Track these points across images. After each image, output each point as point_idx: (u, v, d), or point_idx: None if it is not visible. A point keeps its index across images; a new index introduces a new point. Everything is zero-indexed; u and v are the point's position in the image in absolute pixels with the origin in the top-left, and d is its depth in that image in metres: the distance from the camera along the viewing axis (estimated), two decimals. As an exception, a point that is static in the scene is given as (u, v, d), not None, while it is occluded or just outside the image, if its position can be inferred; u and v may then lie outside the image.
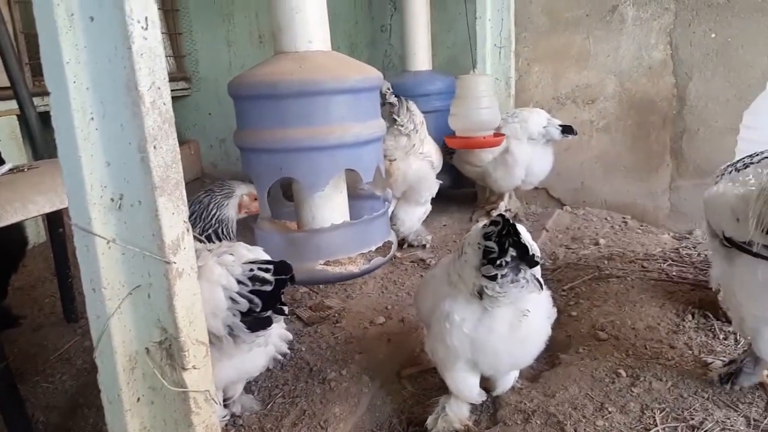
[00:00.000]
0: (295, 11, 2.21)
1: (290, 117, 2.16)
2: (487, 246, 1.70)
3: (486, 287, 1.75)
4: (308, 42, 2.25)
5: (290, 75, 2.14)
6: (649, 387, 2.09)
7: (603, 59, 4.18)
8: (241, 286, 1.68)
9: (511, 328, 1.83)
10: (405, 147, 3.45)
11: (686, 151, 4.02)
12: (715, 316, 2.56)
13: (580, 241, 3.80)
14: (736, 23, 3.73)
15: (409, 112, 3.43)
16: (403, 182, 3.46)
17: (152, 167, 1.27)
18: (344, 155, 2.22)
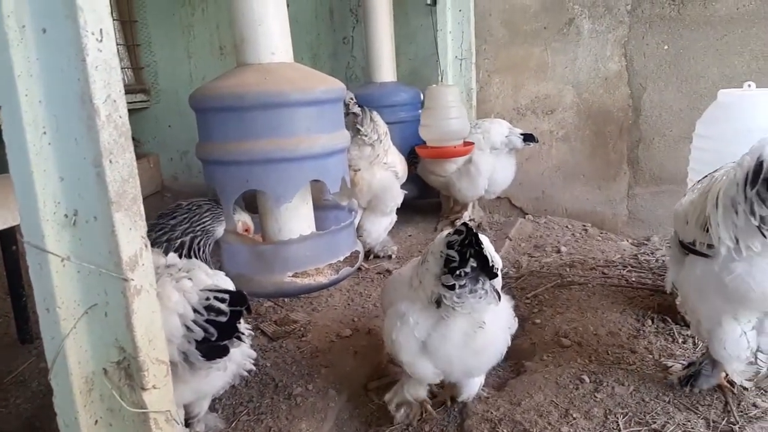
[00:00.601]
0: (258, 23, 2.20)
1: (256, 129, 2.14)
2: (449, 255, 1.72)
3: (444, 296, 1.77)
4: (271, 54, 2.23)
5: (255, 87, 2.12)
6: (611, 392, 2.13)
7: (561, 70, 4.28)
8: (197, 314, 1.65)
9: (465, 338, 1.86)
10: (369, 157, 3.45)
11: (642, 160, 4.14)
12: (674, 320, 2.62)
13: (543, 249, 3.86)
14: (687, 35, 3.87)
15: (372, 122, 3.44)
16: (368, 192, 3.47)
17: (108, 182, 1.24)
18: (311, 166, 2.22)
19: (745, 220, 1.61)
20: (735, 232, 1.65)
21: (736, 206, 1.62)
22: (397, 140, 3.78)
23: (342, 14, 4.99)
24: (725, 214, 1.66)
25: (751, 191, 1.55)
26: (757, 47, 3.72)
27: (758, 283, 1.69)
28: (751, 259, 1.67)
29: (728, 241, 1.67)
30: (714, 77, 3.82)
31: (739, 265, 1.70)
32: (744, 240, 1.64)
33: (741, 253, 1.67)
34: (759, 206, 1.55)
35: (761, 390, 2.04)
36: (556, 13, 4.20)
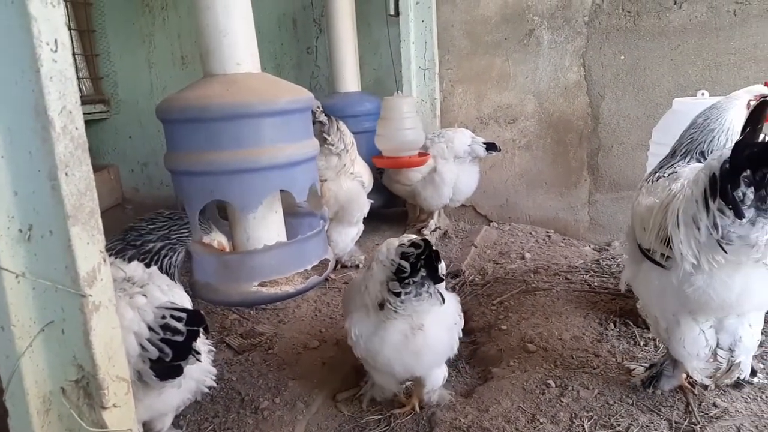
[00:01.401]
0: (223, 34, 2.19)
1: (221, 140, 2.13)
2: (401, 265, 1.81)
3: (388, 301, 1.87)
4: (237, 64, 2.23)
5: (219, 98, 2.11)
6: (577, 396, 2.16)
7: (522, 80, 4.36)
8: (152, 333, 1.62)
9: (405, 340, 1.95)
10: (336, 167, 3.45)
11: (602, 167, 4.24)
12: (635, 323, 2.68)
13: (507, 255, 3.91)
14: (642, 45, 3.99)
15: (339, 132, 3.44)
16: (335, 203, 3.46)
17: (64, 195, 1.21)
18: (276, 176, 2.21)
19: (707, 236, 1.65)
20: (698, 247, 1.69)
21: (697, 223, 1.66)
22: (362, 150, 3.78)
23: (305, 24, 4.99)
24: (687, 231, 1.70)
25: (713, 204, 1.60)
26: (710, 57, 3.86)
27: (718, 294, 1.75)
28: (710, 272, 1.73)
29: (691, 258, 1.71)
30: (669, 86, 3.94)
31: (699, 278, 1.75)
32: (705, 255, 1.69)
33: (702, 268, 1.72)
34: (721, 218, 1.60)
35: (721, 390, 2.10)
36: (517, 24, 4.28)
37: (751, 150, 1.50)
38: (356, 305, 2.04)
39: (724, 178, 1.55)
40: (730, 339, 1.87)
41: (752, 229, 1.59)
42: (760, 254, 1.64)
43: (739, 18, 3.76)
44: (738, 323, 1.85)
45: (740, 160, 1.52)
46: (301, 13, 4.98)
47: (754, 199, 1.54)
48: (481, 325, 2.93)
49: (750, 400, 2.05)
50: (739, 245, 1.63)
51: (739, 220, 1.57)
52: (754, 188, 1.53)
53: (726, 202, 1.56)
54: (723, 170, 1.55)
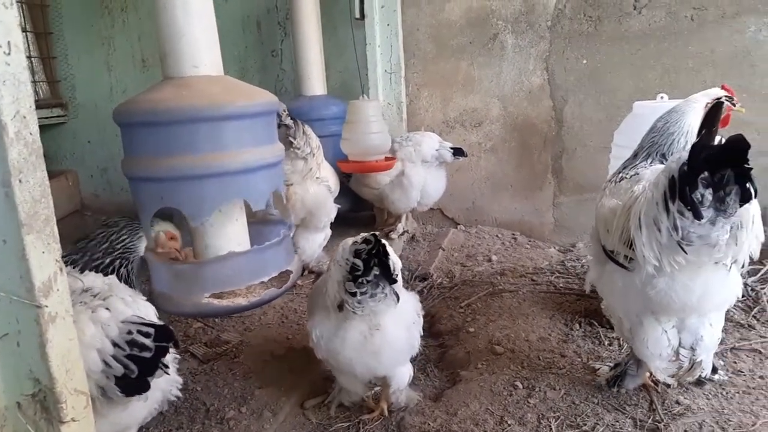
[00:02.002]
0: (180, 36, 2.13)
1: (170, 144, 2.06)
2: (354, 264, 1.83)
3: (346, 302, 1.89)
4: (194, 67, 2.16)
5: (168, 102, 2.04)
6: (544, 397, 2.18)
7: (487, 84, 4.40)
8: (117, 349, 1.56)
9: (364, 340, 1.99)
10: (302, 171, 3.41)
11: (566, 170, 4.30)
12: (600, 323, 2.72)
13: (475, 258, 3.93)
14: (604, 50, 4.07)
15: (305, 135, 3.40)
16: (302, 208, 3.42)
17: (18, 203, 1.16)
18: (231, 183, 2.11)
19: (668, 237, 1.68)
20: (659, 249, 1.72)
21: (658, 224, 1.69)
22: (328, 154, 3.76)
23: (270, 27, 4.94)
24: (648, 233, 1.73)
25: (673, 206, 1.63)
26: (669, 61, 3.96)
27: (680, 296, 1.79)
28: (672, 274, 1.76)
29: (653, 260, 1.75)
30: (630, 90, 4.03)
31: (661, 281, 1.79)
32: (667, 256, 1.72)
33: (664, 270, 1.75)
34: (680, 220, 1.63)
35: (683, 387, 2.15)
36: (481, 28, 4.32)
37: (708, 152, 1.54)
38: (318, 307, 2.06)
39: (683, 180, 1.59)
40: (691, 338, 1.91)
41: (712, 229, 1.63)
42: (722, 254, 1.69)
43: (696, 23, 3.87)
44: (699, 323, 1.89)
45: (697, 163, 1.55)
46: (266, 15, 4.93)
47: (712, 200, 1.58)
48: (449, 328, 2.93)
49: (711, 397, 2.10)
50: (700, 245, 1.67)
51: (698, 221, 1.60)
52: (712, 189, 1.57)
53: (685, 204, 1.59)
54: (681, 172, 1.59)
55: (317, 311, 2.06)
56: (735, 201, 1.57)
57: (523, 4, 4.19)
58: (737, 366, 2.31)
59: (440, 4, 4.36)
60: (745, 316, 2.71)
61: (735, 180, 1.54)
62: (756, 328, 2.61)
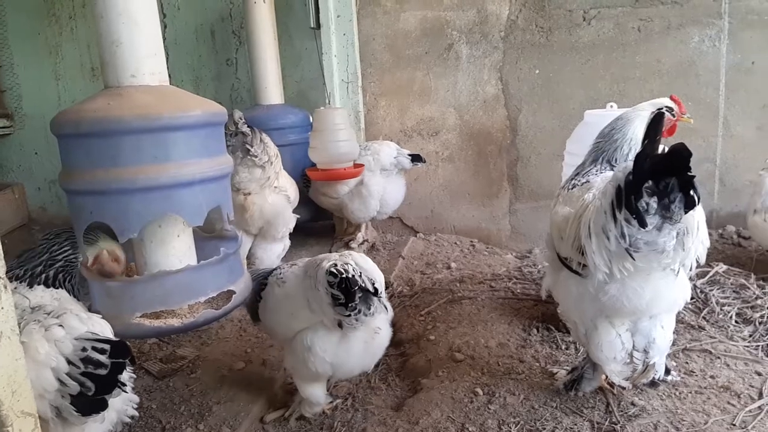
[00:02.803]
0: (116, 44, 2.05)
1: (96, 157, 1.97)
2: (334, 294, 1.91)
3: (344, 321, 1.97)
4: (132, 76, 2.08)
5: (94, 112, 1.96)
6: (504, 402, 2.20)
7: (443, 94, 4.44)
8: (72, 366, 1.50)
9: (366, 346, 2.09)
10: (260, 180, 3.36)
11: (521, 177, 4.38)
12: (557, 328, 2.77)
13: (434, 266, 3.95)
14: (555, 60, 4.17)
15: (262, 143, 3.35)
16: (260, 217, 3.37)
17: (-45, 219, 1.10)
18: (159, 198, 2.01)
19: (616, 245, 1.73)
20: (609, 256, 1.77)
21: (607, 233, 1.73)
22: (287, 163, 3.73)
23: (224, 36, 4.89)
24: (598, 241, 1.77)
25: (620, 215, 1.67)
26: (617, 71, 4.09)
27: (630, 300, 1.84)
28: (623, 280, 1.81)
29: (604, 267, 1.79)
30: (581, 99, 4.14)
31: (612, 286, 1.84)
32: (616, 263, 1.77)
33: (615, 276, 1.79)
34: (627, 228, 1.68)
35: (638, 389, 2.19)
36: (436, 38, 4.37)
37: (651, 161, 1.58)
38: (299, 320, 2.08)
39: (628, 189, 1.63)
40: (644, 341, 1.96)
41: (659, 236, 1.68)
42: (669, 259, 1.74)
43: (643, 34, 4.01)
44: (651, 326, 1.94)
45: (641, 172, 1.60)
46: (220, 24, 4.88)
47: (657, 207, 1.63)
48: (410, 336, 2.93)
49: (665, 398, 2.15)
50: (647, 252, 1.71)
51: (644, 229, 1.65)
52: (657, 198, 1.61)
53: (631, 212, 1.64)
54: (627, 182, 1.63)
55: (305, 325, 2.08)
56: (680, 208, 1.61)
57: (477, 15, 4.26)
58: (689, 366, 2.37)
59: (395, 14, 4.39)
60: (696, 317, 2.80)
61: (679, 188, 1.58)
62: (706, 329, 2.69)
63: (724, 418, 2.00)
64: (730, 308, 2.84)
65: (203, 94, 3.66)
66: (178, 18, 4.93)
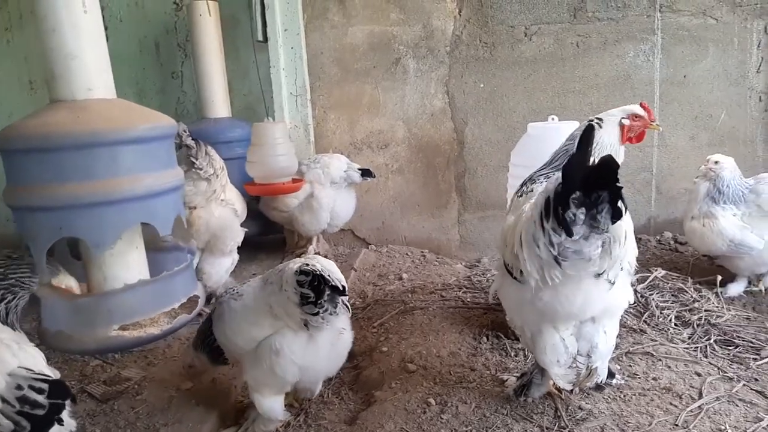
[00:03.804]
0: (71, 57, 2.02)
1: (69, 171, 1.95)
2: (303, 293, 1.95)
3: (311, 321, 2.00)
4: (88, 90, 2.06)
5: (65, 126, 1.94)
6: (456, 411, 2.22)
7: (392, 107, 4.49)
8: (6, 405, 1.43)
9: (332, 348, 2.14)
10: (206, 193, 3.30)
11: (469, 188, 4.46)
12: (506, 335, 2.82)
13: (386, 277, 3.97)
14: (499, 74, 4.28)
15: (208, 156, 3.30)
16: (206, 231, 3.30)
17: None
18: (135, 208, 2.04)
19: (546, 253, 1.79)
20: (540, 264, 1.83)
21: (537, 241, 1.80)
22: (235, 177, 3.69)
23: (169, 48, 4.81)
24: (529, 249, 1.83)
25: (548, 224, 1.73)
26: (558, 84, 4.23)
27: (563, 306, 1.90)
28: (555, 287, 1.87)
29: (535, 275, 1.85)
30: (524, 111, 4.26)
31: (546, 293, 1.89)
32: (547, 271, 1.83)
33: (547, 283, 1.85)
34: (555, 236, 1.74)
35: (585, 393, 2.26)
36: (384, 53, 4.42)
37: (580, 174, 1.64)
38: (262, 328, 2.08)
39: (556, 200, 1.69)
40: (587, 346, 2.02)
41: (585, 245, 1.74)
42: (596, 267, 1.80)
43: (581, 49, 4.17)
44: (594, 331, 2.00)
45: (569, 184, 1.65)
46: (164, 36, 4.80)
47: (585, 218, 1.68)
48: (362, 348, 2.93)
49: (611, 400, 2.22)
50: (575, 260, 1.78)
51: (570, 238, 1.71)
52: (585, 209, 1.67)
53: (558, 222, 1.70)
54: (555, 193, 1.69)
55: (268, 328, 2.08)
56: (607, 219, 1.67)
57: (423, 30, 4.34)
58: (632, 369, 2.45)
59: (343, 28, 4.42)
60: (637, 321, 2.90)
61: (607, 199, 1.64)
62: (647, 332, 2.80)
63: (667, 419, 2.08)
64: (670, 312, 2.96)
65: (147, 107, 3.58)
66: (120, 30, 4.82)
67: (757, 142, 4.17)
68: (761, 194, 3.14)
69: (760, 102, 4.12)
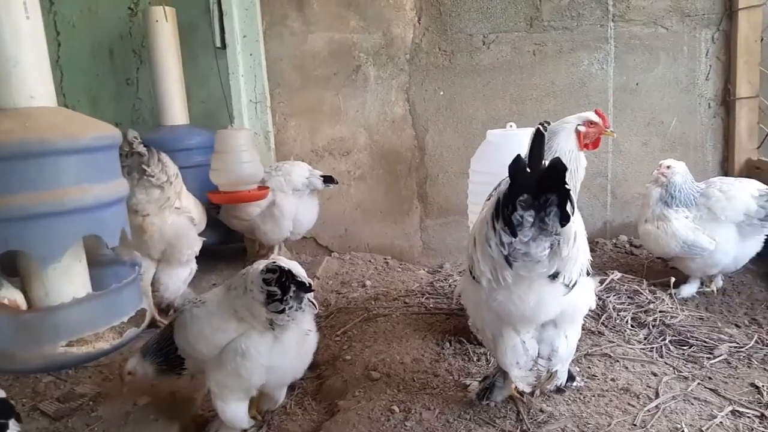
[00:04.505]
0: (12, 64, 1.94)
1: (14, 181, 1.86)
2: (270, 291, 1.97)
3: (276, 320, 2.02)
4: (30, 97, 1.98)
5: (11, 134, 1.86)
6: (420, 418, 2.22)
7: (353, 114, 4.49)
8: None
9: (298, 348, 2.16)
10: (159, 200, 3.20)
11: (430, 195, 4.49)
12: (468, 340, 2.84)
13: (349, 284, 3.95)
14: (458, 82, 4.33)
15: (161, 163, 3.19)
16: (160, 239, 3.22)
17: None
18: (83, 220, 1.96)
19: (497, 254, 1.81)
20: (492, 264, 1.86)
21: (489, 242, 1.83)
22: (194, 185, 3.61)
23: (124, 54, 4.70)
24: (482, 249, 1.86)
25: (498, 225, 1.76)
26: (516, 92, 4.30)
27: (516, 307, 1.92)
28: (508, 287, 1.90)
29: (488, 274, 1.88)
30: (483, 119, 4.32)
31: (500, 293, 1.92)
32: (498, 272, 1.86)
33: (500, 283, 1.88)
34: (505, 236, 1.76)
35: (546, 395, 2.29)
36: (344, 60, 4.42)
37: (529, 177, 1.66)
38: (227, 332, 2.08)
39: (505, 202, 1.72)
40: (548, 349, 2.05)
41: (533, 246, 1.77)
42: (546, 269, 1.83)
43: (538, 57, 4.26)
44: (555, 335, 2.03)
45: (517, 187, 1.69)
46: (119, 42, 4.69)
47: (533, 220, 1.72)
48: (325, 357, 2.90)
49: (571, 402, 2.25)
50: (524, 261, 1.81)
51: (517, 239, 1.74)
52: (534, 211, 1.70)
53: (505, 224, 1.73)
54: (505, 195, 1.72)
55: (233, 332, 2.09)
56: (555, 222, 1.70)
57: (383, 38, 4.36)
58: (591, 371, 2.50)
59: (303, 35, 4.41)
60: (595, 323, 2.96)
61: (555, 202, 1.67)
62: (605, 334, 2.85)
63: (626, 419, 2.12)
64: (626, 313, 3.03)
65: (102, 114, 3.49)
66: (72, 36, 4.70)
67: (707, 147, 4.32)
68: (711, 198, 3.25)
69: (709, 109, 4.27)
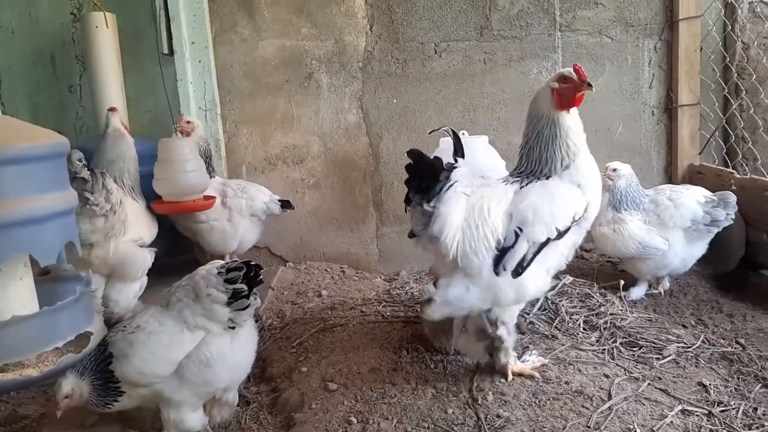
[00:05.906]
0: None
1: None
2: (236, 289, 2.10)
3: (236, 318, 2.15)
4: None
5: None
6: (378, 428, 2.20)
7: (306, 122, 4.45)
8: None
9: (247, 342, 2.30)
10: (104, 229, 3.02)
11: (386, 202, 4.49)
12: (425, 348, 2.84)
13: (305, 294, 3.90)
14: (411, 90, 4.36)
15: (104, 189, 3.00)
16: (105, 267, 3.06)
17: None
18: (12, 236, 1.80)
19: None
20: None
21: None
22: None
23: (66, 61, 4.54)
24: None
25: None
26: (467, 100, 4.36)
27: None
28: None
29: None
30: (436, 126, 4.33)
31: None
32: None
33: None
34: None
35: (503, 401, 2.30)
36: (296, 67, 4.38)
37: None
38: (181, 346, 2.12)
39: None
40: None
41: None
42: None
43: (488, 66, 4.32)
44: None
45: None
46: (61, 48, 4.53)
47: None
48: (281, 370, 2.86)
49: (527, 407, 2.28)
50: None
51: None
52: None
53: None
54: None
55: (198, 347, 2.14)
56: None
57: (335, 46, 4.34)
58: (546, 374, 2.53)
59: (253, 42, 4.34)
60: (549, 327, 3.01)
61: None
62: (558, 337, 2.90)
63: (580, 421, 2.16)
64: (578, 316, 3.09)
65: (43, 122, 3.33)
66: (11, 42, 4.51)
67: (652, 153, 4.47)
68: (660, 205, 3.37)
69: (653, 116, 4.42)
